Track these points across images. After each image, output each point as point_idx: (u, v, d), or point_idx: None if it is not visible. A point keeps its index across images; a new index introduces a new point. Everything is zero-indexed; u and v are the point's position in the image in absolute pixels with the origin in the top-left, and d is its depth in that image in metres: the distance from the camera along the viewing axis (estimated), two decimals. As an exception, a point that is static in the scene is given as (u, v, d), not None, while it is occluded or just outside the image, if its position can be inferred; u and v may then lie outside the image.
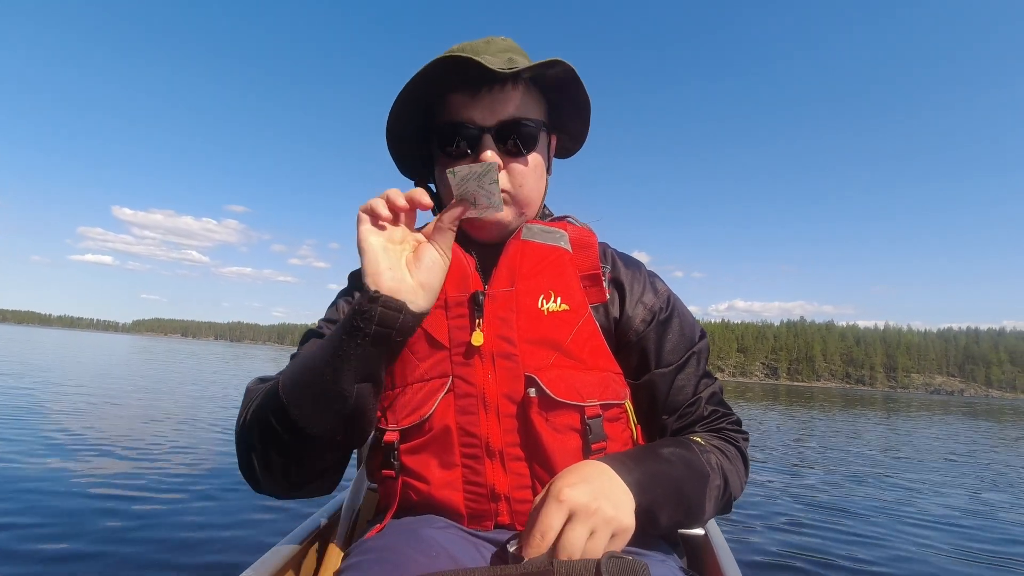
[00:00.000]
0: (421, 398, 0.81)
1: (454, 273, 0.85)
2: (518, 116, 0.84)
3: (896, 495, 5.43)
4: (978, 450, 9.91)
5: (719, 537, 1.07)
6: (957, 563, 3.47)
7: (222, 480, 4.19)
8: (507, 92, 0.84)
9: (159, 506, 3.47)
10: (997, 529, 4.37)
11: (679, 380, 0.89)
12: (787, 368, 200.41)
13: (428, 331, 0.83)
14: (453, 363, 0.81)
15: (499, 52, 0.85)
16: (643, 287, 0.92)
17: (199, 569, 2.58)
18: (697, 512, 0.79)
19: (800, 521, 4.17)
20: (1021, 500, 5.62)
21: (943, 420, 19.84)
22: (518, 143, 0.85)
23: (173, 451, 5.16)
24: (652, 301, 0.91)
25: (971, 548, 3.81)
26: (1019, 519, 4.76)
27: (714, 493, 0.81)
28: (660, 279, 0.96)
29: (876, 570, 3.24)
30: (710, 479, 0.80)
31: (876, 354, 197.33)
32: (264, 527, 3.25)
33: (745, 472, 0.90)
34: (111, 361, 20.62)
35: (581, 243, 0.89)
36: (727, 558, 0.97)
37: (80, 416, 6.77)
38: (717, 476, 0.81)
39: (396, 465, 0.81)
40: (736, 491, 0.86)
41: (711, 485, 0.80)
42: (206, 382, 14.14)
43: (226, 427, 6.82)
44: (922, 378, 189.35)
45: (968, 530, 4.29)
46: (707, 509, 0.80)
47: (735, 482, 0.85)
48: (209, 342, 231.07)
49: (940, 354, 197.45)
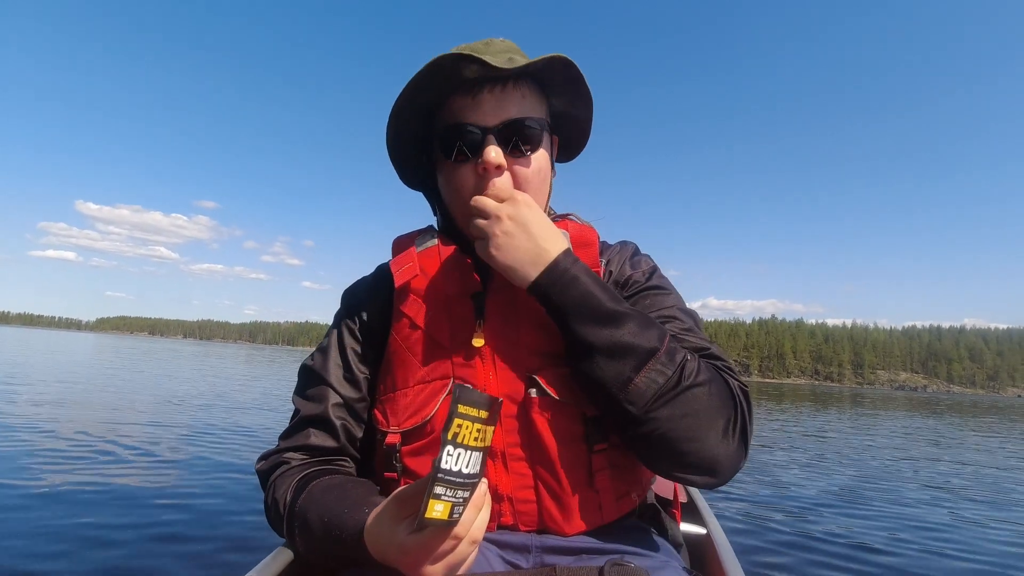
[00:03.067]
0: (423, 400, 0.82)
1: (454, 273, 0.85)
2: (521, 116, 0.83)
3: (896, 494, 5.37)
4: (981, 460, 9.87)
5: (722, 537, 1.06)
6: (963, 563, 3.36)
7: (225, 479, 4.15)
8: (509, 92, 0.83)
9: (162, 505, 3.44)
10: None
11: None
12: (759, 365, 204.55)
13: (429, 332, 0.84)
14: (454, 364, 0.81)
15: (499, 53, 0.84)
16: (623, 262, 0.93)
17: (204, 569, 2.58)
18: (623, 362, 0.71)
19: (803, 521, 4.10)
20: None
21: (920, 418, 20.05)
22: (521, 143, 0.84)
23: (172, 450, 5.11)
24: (629, 272, 0.91)
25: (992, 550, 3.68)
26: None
27: (656, 376, 0.70)
28: (647, 257, 0.95)
29: (878, 570, 3.18)
30: (656, 354, 0.71)
31: (844, 351, 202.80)
32: (268, 527, 2.88)
33: (735, 423, 0.74)
34: (75, 360, 19.72)
35: (581, 241, 0.88)
36: (730, 559, 0.96)
37: (71, 416, 6.44)
38: (670, 364, 0.71)
39: (398, 467, 0.82)
40: (699, 417, 0.71)
41: (655, 362, 0.71)
42: (183, 378, 13.50)
43: (225, 426, 6.76)
44: (887, 374, 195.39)
45: (988, 535, 4.16)
46: (639, 384, 0.70)
47: (700, 401, 0.71)
48: (177, 340, 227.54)
49: (904, 351, 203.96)
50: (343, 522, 0.71)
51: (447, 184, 0.88)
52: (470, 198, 0.82)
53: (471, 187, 0.84)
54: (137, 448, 5.03)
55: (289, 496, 0.81)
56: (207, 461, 4.72)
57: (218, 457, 4.92)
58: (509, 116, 0.83)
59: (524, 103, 0.84)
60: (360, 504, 0.72)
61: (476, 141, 0.82)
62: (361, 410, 0.91)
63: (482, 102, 0.82)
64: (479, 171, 0.83)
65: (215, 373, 18.05)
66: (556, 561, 0.76)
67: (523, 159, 0.85)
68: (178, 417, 7.40)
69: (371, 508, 0.69)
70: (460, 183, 0.85)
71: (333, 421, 0.88)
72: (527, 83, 0.85)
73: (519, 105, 0.84)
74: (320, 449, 0.89)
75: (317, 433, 0.89)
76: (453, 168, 0.85)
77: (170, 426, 6.56)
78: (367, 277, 1.01)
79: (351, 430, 0.90)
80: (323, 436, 0.89)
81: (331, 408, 0.89)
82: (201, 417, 7.52)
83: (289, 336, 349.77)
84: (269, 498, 0.86)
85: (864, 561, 3.31)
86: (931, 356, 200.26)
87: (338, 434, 0.89)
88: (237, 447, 5.48)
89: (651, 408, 0.70)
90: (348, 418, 0.90)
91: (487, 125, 0.82)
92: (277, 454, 0.89)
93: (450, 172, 0.86)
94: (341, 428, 0.89)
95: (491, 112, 0.83)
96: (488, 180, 0.82)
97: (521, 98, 0.84)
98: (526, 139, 0.84)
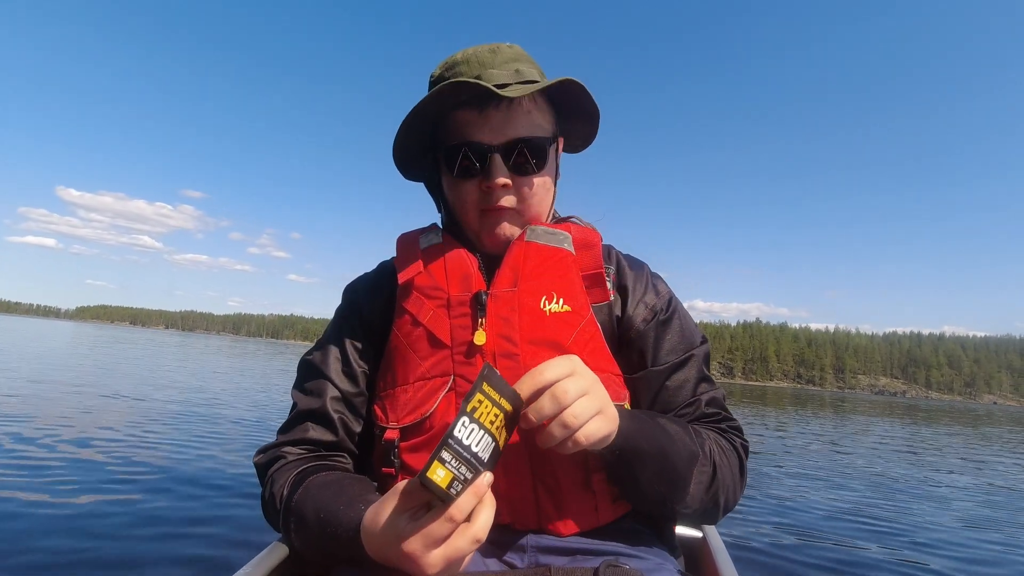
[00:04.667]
0: (422, 396, 0.82)
1: (457, 273, 0.86)
2: (526, 135, 0.84)
3: (890, 501, 5.35)
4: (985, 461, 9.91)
5: (717, 540, 1.06)
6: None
7: (221, 474, 4.10)
8: (515, 109, 0.84)
9: (158, 501, 3.38)
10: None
11: (676, 379, 0.88)
12: (742, 368, 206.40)
13: (430, 330, 0.84)
14: (455, 362, 0.82)
15: (505, 63, 0.85)
16: (645, 287, 0.92)
17: (199, 564, 2.56)
18: (680, 486, 0.77)
19: (798, 524, 4.09)
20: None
21: (899, 424, 20.21)
22: (527, 161, 0.85)
23: (169, 444, 5.04)
24: (653, 301, 0.91)
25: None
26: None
27: (703, 478, 0.79)
28: (663, 281, 0.96)
29: (872, 574, 3.21)
30: (699, 458, 0.79)
31: (826, 355, 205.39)
32: (264, 522, 2.74)
33: (741, 478, 0.86)
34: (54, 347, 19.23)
35: (584, 243, 0.89)
36: (725, 562, 0.97)
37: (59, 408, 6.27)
38: (707, 461, 0.80)
39: (396, 463, 0.82)
40: (727, 489, 0.83)
41: (700, 466, 0.78)
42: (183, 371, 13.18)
43: (222, 421, 6.60)
44: (868, 379, 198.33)
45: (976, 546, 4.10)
46: (692, 490, 0.78)
47: (727, 477, 0.82)
48: (159, 331, 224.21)
49: (885, 357, 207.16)
50: (339, 518, 0.71)
51: (453, 196, 0.90)
52: (474, 212, 0.87)
53: (475, 202, 0.86)
54: (126, 441, 4.93)
55: (286, 491, 0.81)
56: (198, 455, 4.65)
57: (208, 451, 4.85)
58: (516, 135, 0.83)
59: (530, 119, 0.85)
60: (356, 501, 0.72)
61: (481, 159, 0.84)
62: (360, 405, 0.91)
63: (488, 119, 0.83)
64: (483, 188, 0.85)
65: (198, 363, 17.70)
66: (551, 561, 0.76)
67: (528, 177, 0.86)
68: (168, 406, 7.24)
69: (367, 505, 0.69)
70: (465, 198, 0.87)
71: (331, 415, 0.88)
72: (534, 98, 0.86)
73: (525, 121, 0.84)
74: (318, 443, 0.89)
75: (315, 427, 0.89)
76: (458, 183, 0.87)
77: (158, 415, 6.40)
78: (369, 273, 1.01)
79: (349, 425, 0.90)
80: (321, 430, 0.89)
81: (330, 402, 0.89)
82: (190, 407, 7.37)
83: (273, 329, 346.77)
84: (266, 492, 0.86)
85: (858, 565, 3.30)
86: (911, 362, 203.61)
87: (336, 428, 0.89)
88: (229, 440, 5.40)
89: (696, 502, 0.80)
90: (347, 413, 0.90)
91: (493, 143, 0.83)
92: (275, 448, 0.89)
93: (456, 186, 0.88)
94: (339, 422, 0.89)
95: (497, 129, 0.83)
96: (493, 197, 0.85)
97: (527, 114, 0.85)
98: (532, 157, 0.85)
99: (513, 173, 0.84)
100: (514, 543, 0.78)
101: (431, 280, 0.87)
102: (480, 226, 0.88)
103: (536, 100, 0.86)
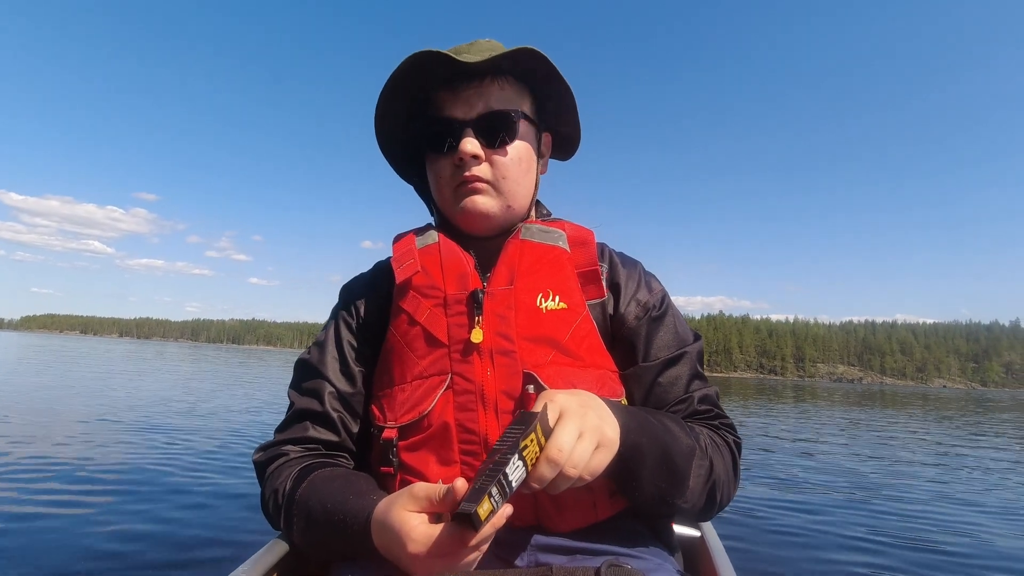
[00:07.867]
0: (420, 395, 0.82)
1: (453, 271, 0.86)
2: (496, 108, 0.87)
3: (888, 494, 5.35)
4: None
5: (715, 540, 1.07)
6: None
7: (220, 473, 4.13)
8: (485, 86, 0.87)
9: (159, 500, 3.42)
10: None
11: (669, 375, 0.89)
12: (707, 359, 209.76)
13: (427, 329, 0.84)
14: (452, 360, 0.82)
15: (480, 52, 0.86)
16: (638, 285, 0.94)
17: (197, 563, 2.59)
18: (680, 480, 0.77)
19: (798, 523, 4.06)
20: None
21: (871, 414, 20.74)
22: (496, 134, 0.87)
23: (170, 444, 5.14)
24: (646, 298, 0.93)
25: None
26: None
27: (701, 471, 0.79)
28: (656, 279, 0.98)
29: (872, 571, 3.18)
30: (696, 453, 0.79)
31: (787, 345, 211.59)
32: (263, 520, 2.54)
33: (735, 475, 0.87)
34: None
35: (578, 240, 0.91)
36: (723, 562, 0.97)
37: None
38: (704, 456, 0.80)
39: (395, 462, 0.82)
40: (723, 484, 0.83)
41: (698, 459, 0.79)
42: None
43: (215, 424, 6.81)
44: (826, 367, 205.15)
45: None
46: (692, 485, 0.78)
47: (722, 472, 0.83)
48: (112, 339, 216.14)
49: (842, 345, 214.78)
50: (348, 508, 0.72)
51: (431, 176, 0.93)
52: (448, 189, 0.89)
53: (449, 177, 0.89)
54: (121, 444, 5.04)
55: (288, 485, 0.82)
56: (194, 453, 4.75)
57: (204, 448, 4.98)
58: (485, 109, 0.86)
59: (502, 95, 0.88)
60: (367, 493, 0.74)
61: (454, 134, 0.86)
62: (357, 404, 0.92)
63: (460, 96, 0.86)
64: (456, 162, 0.87)
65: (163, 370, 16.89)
66: (551, 560, 0.76)
67: (500, 149, 0.87)
68: (146, 415, 7.05)
69: (379, 498, 0.71)
70: (440, 173, 0.90)
71: (330, 414, 0.89)
72: (507, 78, 0.89)
73: (497, 97, 0.87)
74: (318, 442, 0.89)
75: (315, 427, 0.89)
76: (435, 160, 0.90)
77: (149, 420, 6.38)
78: (365, 273, 1.03)
79: (347, 424, 0.91)
80: (320, 429, 0.89)
81: (328, 401, 0.89)
82: (181, 413, 7.41)
83: (235, 334, 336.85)
84: (267, 488, 0.86)
85: (859, 563, 3.27)
86: (866, 350, 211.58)
87: (337, 428, 0.89)
88: (228, 440, 5.48)
89: (695, 497, 0.80)
90: (344, 412, 0.90)
91: (465, 118, 0.86)
92: (276, 446, 0.90)
93: (432, 164, 0.91)
94: (338, 421, 0.89)
95: (468, 105, 0.86)
96: (466, 169, 0.86)
97: (499, 91, 0.88)
98: (503, 129, 0.87)
99: (485, 146, 0.86)
100: (513, 541, 0.78)
101: (427, 279, 0.87)
102: (454, 202, 0.89)
103: (510, 81, 0.89)
